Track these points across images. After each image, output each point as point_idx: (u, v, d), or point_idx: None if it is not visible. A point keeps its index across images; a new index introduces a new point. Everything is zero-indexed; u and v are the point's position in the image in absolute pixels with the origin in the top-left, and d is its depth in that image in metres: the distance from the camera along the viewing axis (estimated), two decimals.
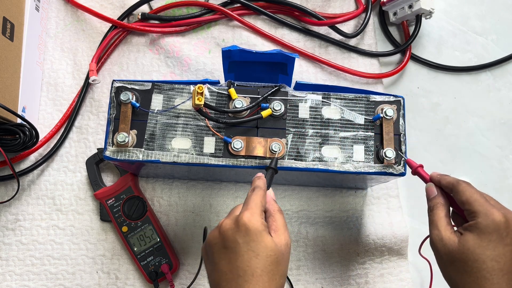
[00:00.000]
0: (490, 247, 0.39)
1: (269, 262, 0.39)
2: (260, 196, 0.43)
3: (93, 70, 0.65)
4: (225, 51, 0.50)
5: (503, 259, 0.39)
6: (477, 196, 0.41)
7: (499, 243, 0.39)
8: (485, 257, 0.39)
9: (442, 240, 0.42)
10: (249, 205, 0.42)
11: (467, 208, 0.41)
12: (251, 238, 0.39)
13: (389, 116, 0.51)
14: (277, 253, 0.40)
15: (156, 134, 0.51)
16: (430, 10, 0.69)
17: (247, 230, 0.39)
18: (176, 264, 0.62)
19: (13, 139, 0.59)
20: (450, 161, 0.71)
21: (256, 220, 0.40)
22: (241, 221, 0.40)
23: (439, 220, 0.43)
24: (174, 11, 0.72)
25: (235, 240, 0.40)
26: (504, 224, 0.39)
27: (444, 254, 0.42)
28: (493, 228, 0.39)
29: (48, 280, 0.63)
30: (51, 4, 0.72)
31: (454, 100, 0.73)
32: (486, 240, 0.39)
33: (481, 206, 0.40)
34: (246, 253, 0.39)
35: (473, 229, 0.40)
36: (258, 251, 0.39)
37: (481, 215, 0.40)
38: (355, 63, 0.72)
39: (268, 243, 0.40)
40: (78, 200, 0.65)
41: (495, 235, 0.39)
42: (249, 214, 0.40)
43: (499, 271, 0.38)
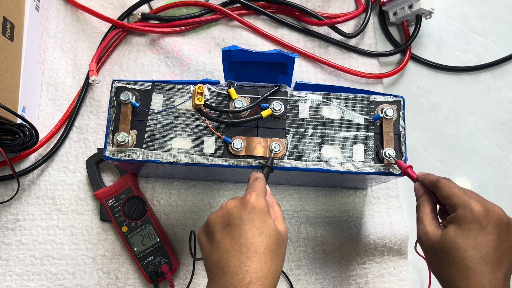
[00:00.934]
0: (471, 236, 0.39)
1: (272, 242, 0.39)
2: (263, 184, 0.44)
3: (93, 70, 0.65)
4: (225, 51, 0.50)
5: (485, 247, 0.39)
6: (455, 190, 0.42)
7: (480, 232, 0.39)
8: (466, 246, 0.39)
9: (426, 234, 0.43)
10: (255, 188, 0.43)
11: (448, 203, 0.42)
12: (257, 216, 0.40)
13: (389, 116, 0.51)
14: (279, 235, 0.41)
15: (156, 134, 0.51)
16: (430, 10, 0.69)
17: (253, 208, 0.40)
18: (176, 264, 0.62)
19: (13, 139, 0.59)
20: (450, 161, 0.71)
21: (262, 201, 0.41)
22: (248, 200, 0.41)
23: (424, 216, 0.44)
24: (174, 11, 0.72)
25: (240, 217, 0.40)
26: (483, 213, 0.40)
27: (429, 247, 0.43)
28: (472, 218, 0.40)
29: (48, 280, 0.63)
30: (51, 4, 0.72)
31: (454, 100, 0.73)
32: (466, 229, 0.40)
33: (460, 199, 0.41)
34: (250, 230, 0.39)
35: (454, 221, 0.41)
36: (262, 229, 0.39)
37: (460, 207, 0.41)
38: (355, 63, 0.72)
39: (271, 223, 0.41)
40: (78, 200, 0.65)
41: (475, 224, 0.39)
42: (256, 194, 0.41)
43: (481, 260, 0.39)
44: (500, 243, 0.40)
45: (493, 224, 0.40)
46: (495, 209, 0.41)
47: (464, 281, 0.39)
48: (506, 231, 0.41)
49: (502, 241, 0.40)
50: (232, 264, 0.38)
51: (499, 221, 0.40)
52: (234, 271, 0.38)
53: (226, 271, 0.38)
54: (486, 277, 0.38)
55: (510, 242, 0.41)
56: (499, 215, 0.41)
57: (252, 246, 0.39)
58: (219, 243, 0.40)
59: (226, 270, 0.38)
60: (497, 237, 0.40)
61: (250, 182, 0.45)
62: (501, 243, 0.40)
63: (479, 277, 0.39)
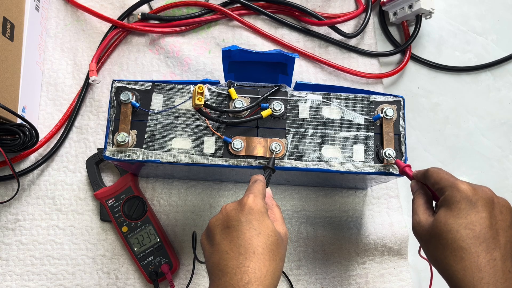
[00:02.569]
0: (461, 215, 0.38)
1: (270, 242, 0.40)
2: (262, 186, 0.45)
3: (93, 70, 0.65)
4: (225, 51, 0.50)
5: (478, 226, 0.38)
6: (443, 174, 0.42)
7: (470, 210, 0.38)
8: (457, 225, 0.38)
9: (419, 223, 0.42)
10: (253, 190, 0.43)
11: (437, 188, 0.42)
12: (254, 217, 0.40)
13: (389, 116, 0.51)
14: (277, 236, 0.41)
15: (156, 134, 0.51)
16: (430, 10, 0.69)
17: (251, 209, 0.40)
18: (176, 264, 0.62)
19: (13, 139, 0.59)
20: (450, 161, 0.71)
21: (259, 202, 0.41)
22: (245, 202, 0.41)
23: (418, 207, 0.44)
24: (174, 11, 0.72)
25: (238, 219, 0.40)
26: (472, 192, 0.39)
27: (423, 234, 0.42)
28: (460, 197, 0.39)
29: (48, 280, 0.63)
30: (51, 4, 0.72)
31: (454, 100, 0.73)
32: (456, 209, 0.39)
33: (447, 181, 0.41)
34: (248, 231, 0.39)
35: (443, 203, 0.40)
36: (260, 229, 0.40)
37: (447, 189, 0.40)
38: (355, 63, 0.72)
39: (269, 224, 0.41)
40: (78, 200, 0.65)
41: (464, 203, 0.39)
42: (253, 196, 0.42)
43: (475, 239, 0.37)
44: (494, 222, 0.38)
45: (483, 202, 0.39)
46: (483, 188, 0.40)
47: (460, 264, 0.37)
48: (499, 210, 0.39)
49: (496, 220, 0.39)
50: (231, 265, 0.38)
51: (489, 200, 0.39)
52: (233, 271, 0.38)
53: (225, 272, 0.38)
54: (482, 257, 0.37)
55: (506, 221, 0.39)
56: (489, 193, 0.40)
57: (250, 247, 0.39)
58: (219, 245, 0.40)
59: (225, 271, 0.38)
60: (489, 215, 0.38)
61: (249, 184, 0.45)
62: (494, 221, 0.39)
63: (475, 257, 0.37)
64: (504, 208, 0.40)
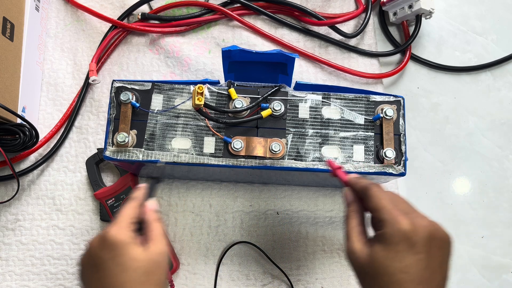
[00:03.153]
0: (397, 259, 0.36)
1: (139, 274, 0.38)
2: (131, 208, 0.42)
3: (93, 70, 0.65)
4: (225, 51, 0.50)
5: (413, 269, 0.36)
6: (385, 202, 0.39)
7: (408, 253, 0.36)
8: (393, 269, 0.36)
9: (354, 253, 0.40)
10: (117, 219, 0.41)
11: (375, 216, 0.39)
12: (117, 253, 0.38)
13: (389, 116, 0.51)
14: (148, 263, 0.39)
15: (156, 134, 0.51)
16: (430, 10, 0.69)
17: (112, 245, 0.39)
18: (176, 264, 0.62)
19: (13, 139, 0.59)
20: (450, 161, 0.71)
21: (122, 234, 0.39)
22: (106, 237, 0.39)
23: (351, 231, 0.41)
24: (174, 11, 0.72)
25: (101, 257, 0.39)
26: (412, 233, 0.36)
27: (357, 267, 0.40)
28: (399, 238, 0.36)
29: (48, 280, 0.63)
30: (51, 4, 0.72)
31: (454, 100, 0.73)
32: (393, 251, 0.36)
33: (387, 214, 0.38)
34: (113, 269, 0.38)
35: (381, 240, 0.38)
36: (125, 265, 0.38)
37: (387, 224, 0.37)
38: (355, 63, 0.72)
39: (136, 255, 0.39)
40: (78, 200, 0.65)
41: (402, 245, 0.36)
42: (115, 229, 0.40)
43: (410, 283, 0.36)
44: (431, 261, 0.37)
45: (422, 242, 0.36)
46: (424, 223, 0.37)
47: None
48: (438, 246, 0.38)
49: (433, 258, 0.37)
50: None
51: (429, 237, 0.37)
52: None
53: None
54: None
55: (443, 256, 0.38)
56: (429, 230, 0.37)
57: (117, 284, 0.38)
58: (89, 284, 0.39)
59: None
60: (427, 256, 0.37)
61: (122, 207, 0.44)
62: (431, 260, 0.37)
63: None
64: (443, 243, 0.38)
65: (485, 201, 0.70)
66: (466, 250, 0.68)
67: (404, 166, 0.51)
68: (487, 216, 0.69)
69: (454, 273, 0.67)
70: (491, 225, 0.69)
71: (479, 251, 0.68)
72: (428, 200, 0.69)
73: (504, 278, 0.67)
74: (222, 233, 0.65)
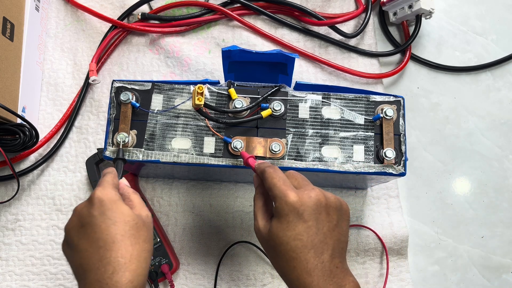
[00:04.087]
0: (290, 228, 0.39)
1: (128, 227, 0.39)
2: (111, 177, 0.43)
3: (93, 70, 0.65)
4: (225, 51, 0.50)
5: (305, 235, 0.39)
6: (276, 180, 0.41)
7: (298, 222, 0.39)
8: (287, 238, 0.39)
9: (259, 230, 0.42)
10: (100, 183, 0.42)
11: (270, 194, 0.42)
12: (106, 208, 0.39)
13: (389, 116, 0.51)
14: (136, 219, 0.40)
15: (156, 134, 0.51)
16: (430, 10, 0.69)
17: (101, 201, 0.40)
18: (176, 264, 0.62)
19: (13, 139, 0.59)
20: (450, 161, 0.71)
21: (109, 193, 0.40)
22: (94, 196, 0.40)
23: (257, 211, 0.44)
24: (174, 11, 0.72)
25: (90, 215, 0.39)
26: (298, 203, 0.39)
27: (262, 242, 0.43)
28: (288, 210, 0.39)
29: (48, 280, 0.63)
30: (51, 4, 0.72)
31: (454, 100, 0.73)
32: (285, 222, 0.39)
33: (278, 190, 0.40)
34: (103, 223, 0.39)
35: (275, 214, 0.41)
36: (115, 218, 0.39)
37: (277, 199, 0.40)
38: (355, 63, 0.72)
39: (125, 210, 0.40)
40: (78, 200, 0.65)
41: (292, 215, 0.39)
42: (101, 188, 0.41)
43: (303, 248, 0.39)
44: (321, 226, 0.40)
45: (309, 211, 0.39)
46: (311, 194, 0.40)
47: (294, 272, 0.39)
48: (326, 213, 0.40)
49: (323, 224, 0.40)
50: (93, 261, 0.38)
51: (316, 206, 0.40)
52: (95, 267, 0.37)
53: (88, 269, 0.38)
54: (311, 263, 0.38)
55: (331, 222, 0.41)
56: (315, 200, 0.40)
57: (108, 237, 0.38)
58: (77, 246, 0.39)
59: (88, 268, 0.38)
60: (316, 222, 0.40)
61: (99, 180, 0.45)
62: (321, 226, 0.40)
63: (304, 265, 0.39)
64: (331, 209, 0.41)
65: (485, 201, 0.70)
66: (466, 250, 0.68)
67: (404, 166, 0.51)
68: (487, 216, 0.69)
69: (454, 273, 0.67)
70: (491, 225, 0.69)
71: (479, 251, 0.68)
72: (428, 200, 0.69)
73: (504, 278, 0.67)
74: (222, 233, 0.65)
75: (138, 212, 0.42)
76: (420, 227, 0.68)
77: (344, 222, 0.42)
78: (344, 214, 0.42)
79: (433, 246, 0.68)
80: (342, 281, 0.39)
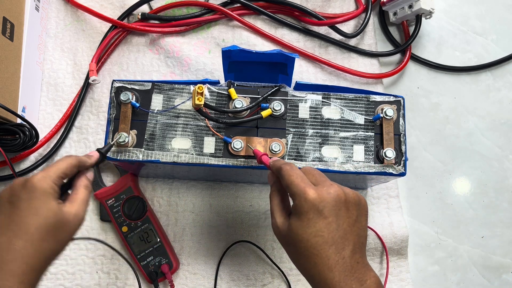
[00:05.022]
0: (310, 225, 0.39)
1: (46, 223, 0.39)
2: (65, 163, 0.43)
3: (93, 70, 0.65)
4: (225, 51, 0.50)
5: (326, 232, 0.39)
6: (294, 178, 0.41)
7: (318, 218, 0.39)
8: (307, 235, 0.39)
9: (277, 227, 0.43)
10: (48, 168, 0.42)
11: (288, 191, 0.42)
12: (34, 196, 0.40)
13: (389, 116, 0.51)
14: (60, 218, 0.40)
15: (156, 134, 0.51)
16: (430, 10, 0.69)
17: (33, 188, 0.40)
18: (176, 264, 0.62)
19: (13, 139, 0.59)
20: (450, 161, 0.71)
21: (45, 182, 0.40)
22: (30, 179, 0.40)
23: (274, 208, 0.44)
24: (174, 11, 0.72)
25: (19, 196, 0.40)
26: (318, 200, 0.39)
27: (281, 239, 0.43)
28: (308, 207, 0.39)
29: (48, 280, 0.63)
30: (51, 4, 0.72)
31: (454, 100, 0.73)
32: (305, 219, 0.39)
33: (296, 188, 0.40)
34: (25, 210, 0.39)
35: (295, 211, 0.41)
36: (38, 210, 0.39)
37: (297, 197, 0.40)
38: (355, 63, 0.72)
39: (51, 206, 0.40)
40: None
41: (312, 213, 0.39)
42: (42, 175, 0.41)
43: (324, 244, 0.39)
44: (341, 222, 0.40)
45: (329, 207, 0.39)
46: (330, 190, 0.40)
47: (315, 269, 0.39)
48: (346, 208, 0.41)
49: (343, 220, 0.40)
50: (1, 240, 0.39)
51: (335, 202, 0.40)
52: (1, 247, 0.38)
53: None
54: (332, 259, 0.39)
55: (351, 217, 0.41)
56: (335, 196, 0.40)
57: (23, 225, 0.39)
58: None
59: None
60: (336, 218, 0.40)
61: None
62: (341, 222, 0.40)
63: (326, 261, 0.39)
64: (351, 204, 0.41)
65: (485, 201, 0.70)
66: (466, 250, 0.68)
67: (404, 166, 0.51)
68: (487, 216, 0.69)
69: (454, 273, 0.67)
70: (491, 225, 0.69)
71: (479, 251, 0.68)
72: (428, 200, 0.69)
73: (504, 278, 0.67)
74: (222, 233, 0.65)
75: (68, 208, 0.42)
76: (420, 227, 0.68)
77: (363, 217, 0.42)
78: (363, 209, 0.42)
79: (433, 246, 0.68)
80: (364, 276, 0.39)
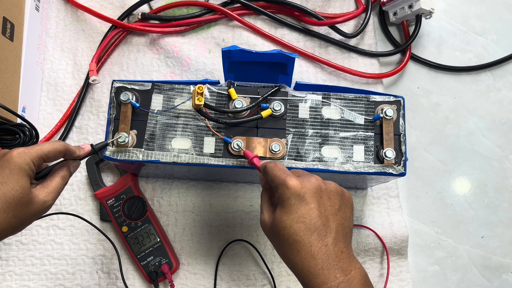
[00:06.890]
0: (292, 211, 0.40)
1: (11, 195, 0.39)
2: (50, 146, 0.42)
3: (93, 70, 0.65)
4: (225, 51, 0.50)
5: (307, 218, 0.39)
6: (276, 171, 0.42)
7: (300, 204, 0.40)
8: (290, 221, 0.39)
9: (264, 222, 0.43)
10: (32, 147, 0.41)
11: (272, 186, 0.43)
12: (8, 167, 0.39)
13: (389, 116, 0.51)
14: (25, 196, 0.40)
15: (156, 134, 0.51)
16: (430, 10, 0.69)
17: (10, 159, 0.40)
18: (176, 264, 0.62)
19: (13, 139, 0.59)
20: (450, 161, 0.71)
21: (23, 158, 0.40)
22: (11, 152, 0.40)
23: (263, 205, 0.45)
24: (174, 11, 0.72)
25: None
26: (299, 186, 0.40)
27: (267, 232, 0.43)
28: (290, 193, 0.40)
29: (48, 280, 0.63)
30: (51, 4, 0.72)
31: (454, 100, 0.73)
32: (287, 205, 0.40)
33: (279, 179, 0.41)
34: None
35: (278, 201, 0.41)
36: (8, 181, 0.39)
37: (279, 187, 0.41)
38: (355, 63, 0.72)
39: (22, 181, 0.40)
40: (78, 200, 0.65)
41: (293, 199, 0.40)
42: (22, 150, 0.40)
43: (306, 231, 0.39)
44: (323, 210, 0.40)
45: (310, 193, 0.40)
46: (311, 179, 0.41)
47: (298, 256, 0.39)
48: (328, 196, 0.41)
49: (324, 207, 0.40)
50: None
51: (316, 189, 0.40)
52: None
53: None
54: (314, 245, 0.39)
55: (333, 205, 0.41)
56: (316, 184, 0.41)
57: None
58: None
59: None
60: (318, 205, 0.40)
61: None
62: (323, 209, 0.40)
63: (308, 247, 0.39)
64: (332, 194, 0.42)
65: (485, 201, 0.70)
66: (466, 250, 0.68)
67: (404, 166, 0.51)
68: (487, 216, 0.69)
69: (454, 273, 0.67)
70: (491, 225, 0.69)
71: (479, 251, 0.68)
72: (428, 200, 0.69)
73: (504, 278, 0.67)
74: (222, 233, 0.65)
75: (39, 192, 0.41)
76: (420, 227, 0.68)
77: (347, 208, 0.43)
78: (347, 201, 0.43)
79: (433, 246, 0.68)
80: (348, 267, 0.39)
